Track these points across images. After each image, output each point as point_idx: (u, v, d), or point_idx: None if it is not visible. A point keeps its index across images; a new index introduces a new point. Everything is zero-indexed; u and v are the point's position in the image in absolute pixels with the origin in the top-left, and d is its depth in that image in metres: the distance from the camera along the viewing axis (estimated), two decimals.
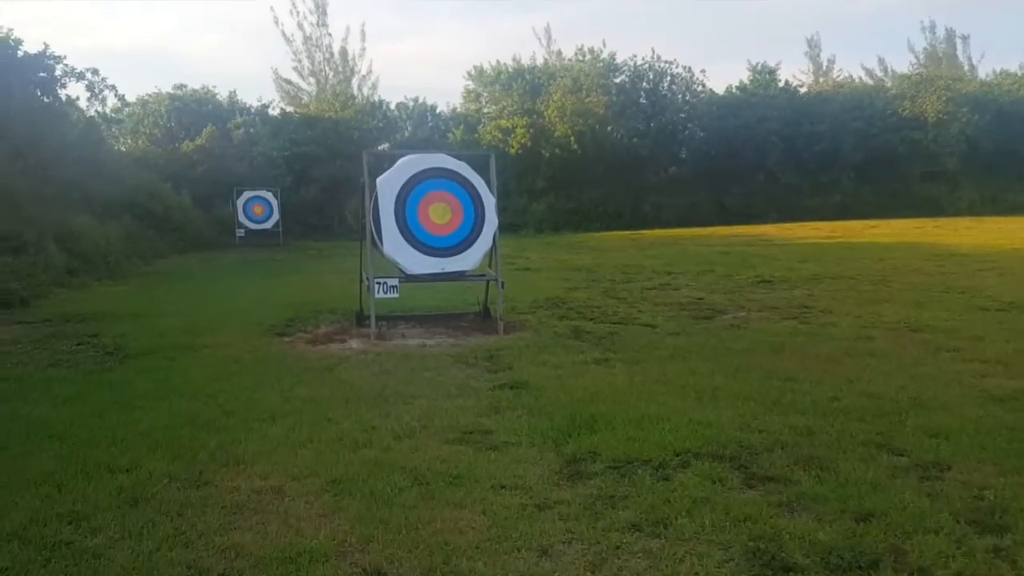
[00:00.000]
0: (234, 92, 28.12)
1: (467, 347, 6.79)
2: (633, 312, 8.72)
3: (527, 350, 6.55)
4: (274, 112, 28.88)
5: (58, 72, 16.93)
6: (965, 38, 41.64)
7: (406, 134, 29.44)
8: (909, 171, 33.50)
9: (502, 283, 7.62)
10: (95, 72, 17.71)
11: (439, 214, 7.37)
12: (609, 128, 29.85)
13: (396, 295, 7.32)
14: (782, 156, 32.21)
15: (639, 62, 31.88)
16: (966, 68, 42.02)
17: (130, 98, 26.74)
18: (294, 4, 34.50)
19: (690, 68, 32.36)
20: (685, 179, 34.13)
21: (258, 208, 21.70)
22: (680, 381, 5.35)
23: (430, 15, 59.39)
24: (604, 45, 31.93)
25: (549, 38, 38.33)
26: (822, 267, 12.88)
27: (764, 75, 34.61)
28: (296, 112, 30.17)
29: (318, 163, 26.55)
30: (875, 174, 33.31)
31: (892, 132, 32.58)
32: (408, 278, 7.37)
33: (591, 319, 8.25)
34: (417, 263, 7.26)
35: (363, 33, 41.45)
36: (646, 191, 32.00)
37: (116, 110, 21.15)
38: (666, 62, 32.16)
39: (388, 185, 7.27)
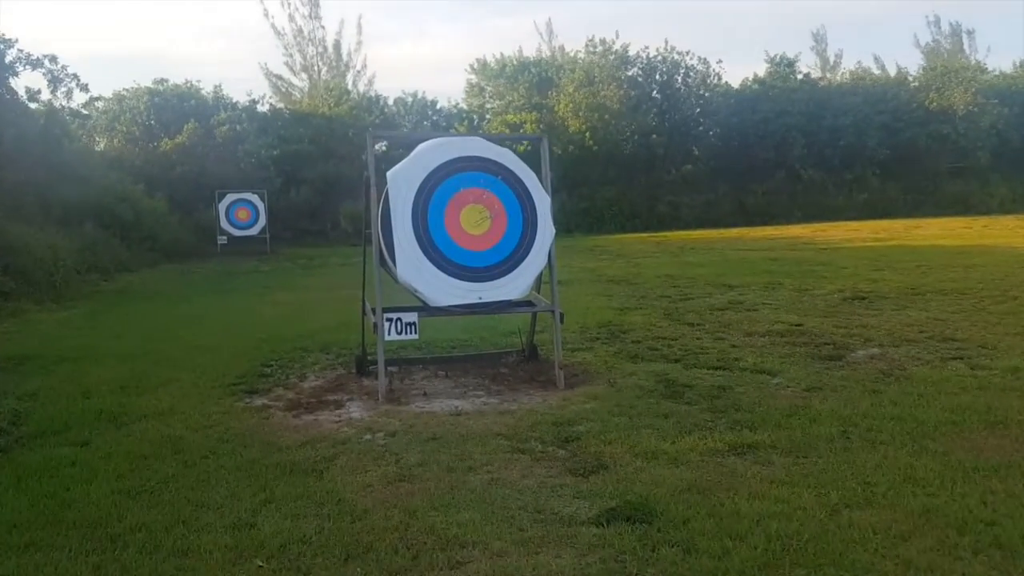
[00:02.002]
0: (219, 87, 25.89)
1: (521, 416, 4.61)
2: (725, 347, 6.55)
3: (614, 423, 4.37)
4: (263, 108, 26.63)
5: (9, 58, 14.69)
6: (971, 33, 39.82)
7: (405, 131, 27.20)
8: (936, 167, 31.72)
9: (561, 315, 5.44)
10: (53, 59, 15.48)
11: (475, 221, 5.18)
12: (624, 123, 27.70)
13: (415, 335, 5.13)
14: (803, 152, 30.24)
15: (652, 54, 29.77)
16: (972, 63, 40.26)
17: (106, 93, 24.67)
18: None
19: (706, 60, 30.21)
20: (701, 177, 32.22)
21: (243, 212, 19.46)
22: (910, 504, 3.14)
23: (423, 15, 57.12)
24: (617, 36, 29.71)
25: (551, 33, 36.22)
26: (907, 277, 10.77)
27: (783, 67, 32.56)
28: (287, 108, 27.95)
29: (310, 163, 24.33)
30: (901, 170, 31.57)
31: (919, 126, 30.83)
32: (431, 311, 5.18)
33: (675, 360, 6.07)
34: (444, 290, 5.07)
35: (359, 26, 39.43)
36: (661, 190, 30.00)
37: (85, 104, 18.90)
38: (679, 53, 30.05)
39: (403, 181, 5.08)
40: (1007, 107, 31.06)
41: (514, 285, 5.21)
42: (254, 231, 19.61)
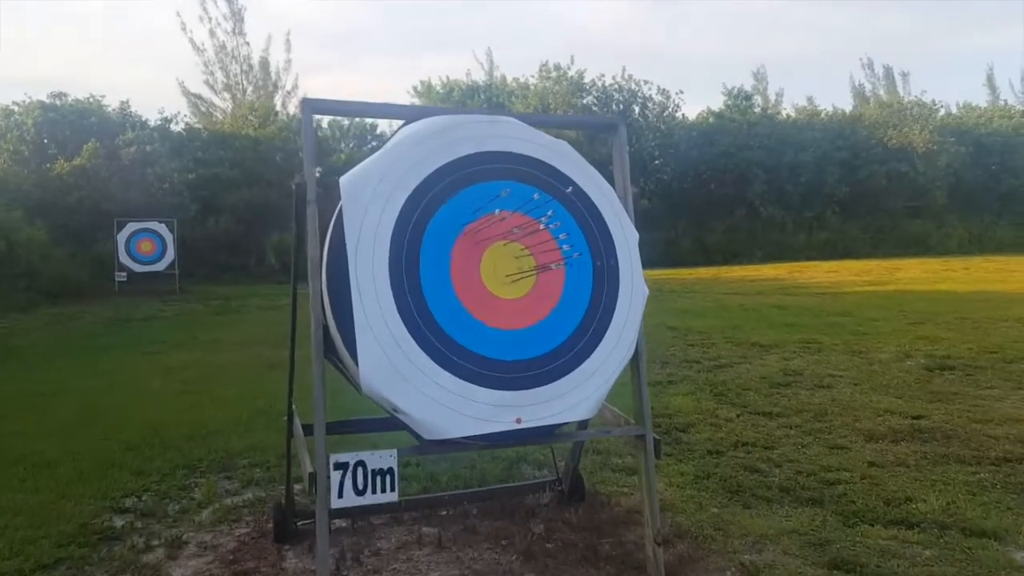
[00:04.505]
0: (126, 103, 22.74)
1: None
2: (859, 465, 4.25)
3: None
4: (177, 127, 23.59)
5: None
6: (905, 75, 39.95)
7: (343, 157, 24.58)
8: (894, 206, 31.07)
9: (656, 443, 3.01)
10: None
11: (507, 273, 2.73)
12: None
13: (392, 494, 2.60)
14: (764, 188, 28.97)
15: (608, 82, 28.10)
16: (929, 102, 40.48)
17: None
18: (205, 9, 29.54)
19: (665, 91, 28.73)
20: (658, 213, 30.66)
21: (146, 244, 16.43)
22: None
23: (356, 47, 54.92)
24: (572, 62, 27.97)
25: (491, 63, 34.32)
26: (964, 335, 8.86)
27: (740, 100, 31.46)
28: (205, 129, 24.97)
29: (232, 188, 21.41)
30: (860, 208, 30.75)
31: (877, 163, 30.13)
32: (425, 447, 2.66)
33: (814, 500, 3.72)
34: (452, 407, 2.57)
35: (287, 43, 36.81)
36: None
37: None
38: (636, 83, 28.51)
39: (372, 194, 2.59)
40: (963, 146, 30.66)
41: (580, 394, 2.74)
42: (160, 266, 16.58)
